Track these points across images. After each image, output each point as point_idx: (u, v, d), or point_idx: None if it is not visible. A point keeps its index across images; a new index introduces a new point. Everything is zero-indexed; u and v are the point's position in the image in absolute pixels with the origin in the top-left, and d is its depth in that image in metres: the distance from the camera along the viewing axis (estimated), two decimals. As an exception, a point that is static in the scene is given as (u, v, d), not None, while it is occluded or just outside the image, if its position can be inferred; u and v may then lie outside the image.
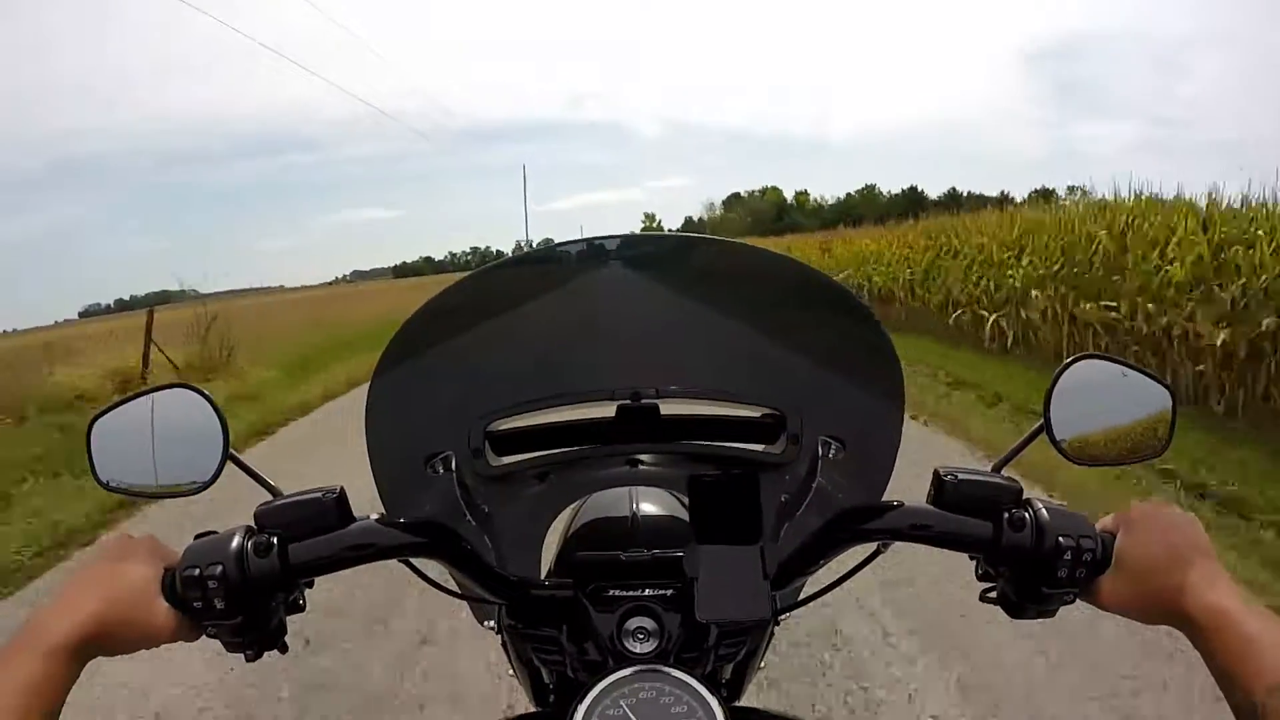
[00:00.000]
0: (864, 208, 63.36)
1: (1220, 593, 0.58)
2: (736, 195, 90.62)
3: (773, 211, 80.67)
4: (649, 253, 0.86)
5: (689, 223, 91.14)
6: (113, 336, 11.02)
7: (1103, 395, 0.73)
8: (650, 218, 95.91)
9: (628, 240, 0.84)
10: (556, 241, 0.83)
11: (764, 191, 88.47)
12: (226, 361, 10.45)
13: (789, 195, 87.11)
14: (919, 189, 76.13)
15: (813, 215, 72.83)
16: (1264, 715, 0.52)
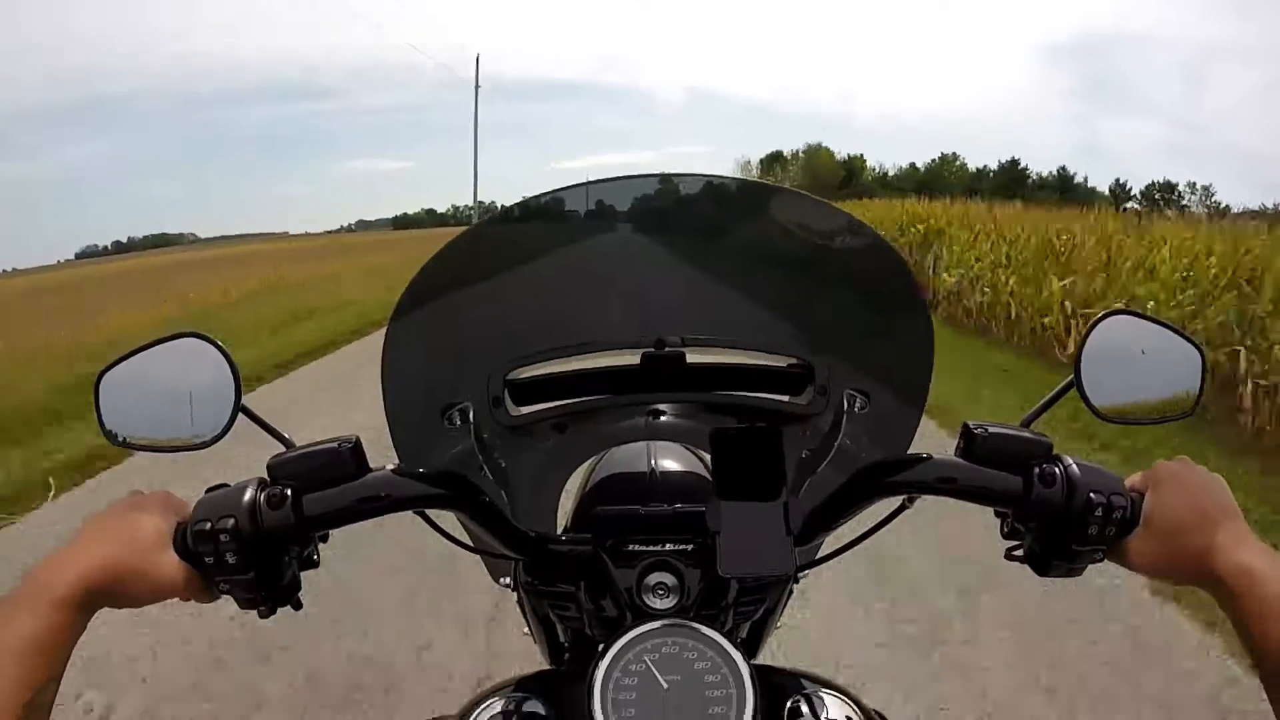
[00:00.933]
0: (943, 180, 57.07)
1: (1248, 553, 0.57)
2: (778, 154, 74.13)
3: (841, 173, 67.44)
4: (677, 195, 0.84)
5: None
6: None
7: (1134, 353, 0.73)
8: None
9: (655, 181, 0.81)
10: (577, 183, 0.80)
11: (811, 150, 71.98)
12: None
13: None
14: (1020, 163, 65.35)
15: (878, 184, 63.05)
16: None
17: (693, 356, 0.83)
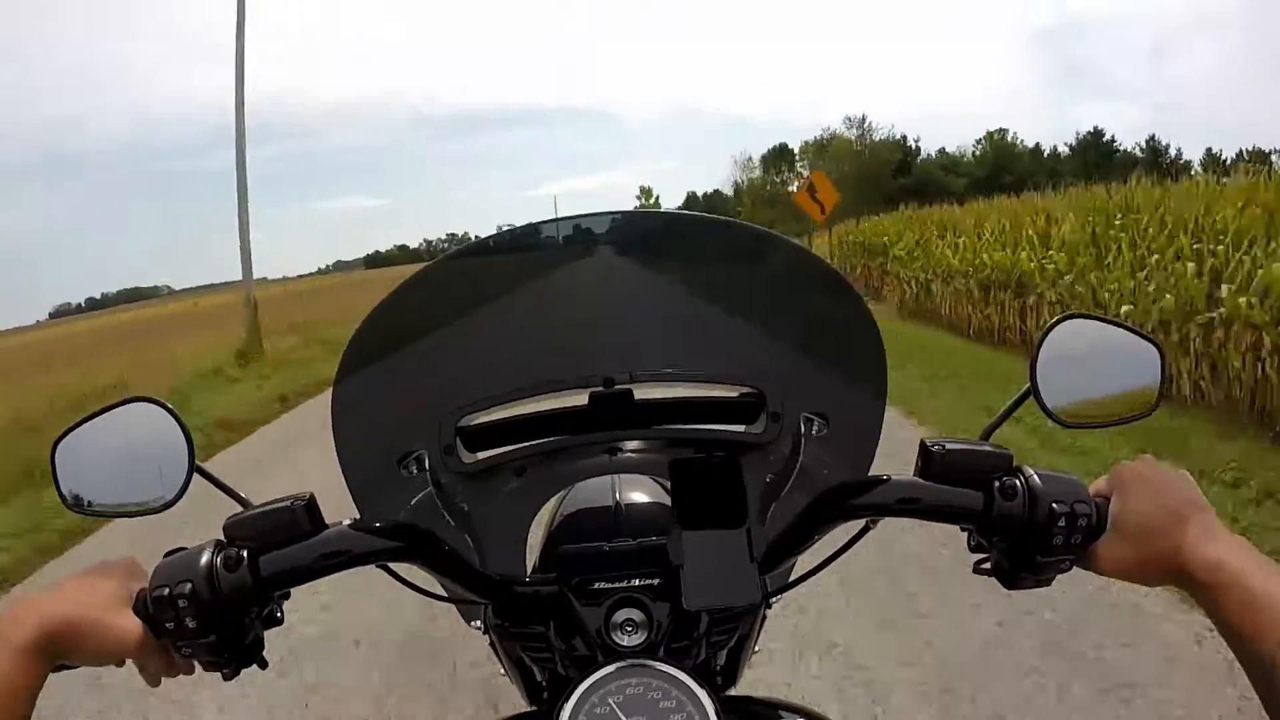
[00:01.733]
0: (1012, 162, 48.38)
1: (1220, 547, 0.57)
2: (783, 146, 58.49)
3: (893, 160, 48.86)
4: (615, 232, 0.85)
5: (692, 201, 73.88)
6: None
7: (1090, 355, 0.73)
8: (646, 192, 73.93)
9: (592, 219, 0.82)
10: (519, 225, 0.81)
11: (829, 139, 50.81)
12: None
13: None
14: (1104, 134, 52.97)
15: (940, 169, 50.09)
16: (1277, 668, 0.51)
17: (642, 392, 0.84)
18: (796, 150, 57.39)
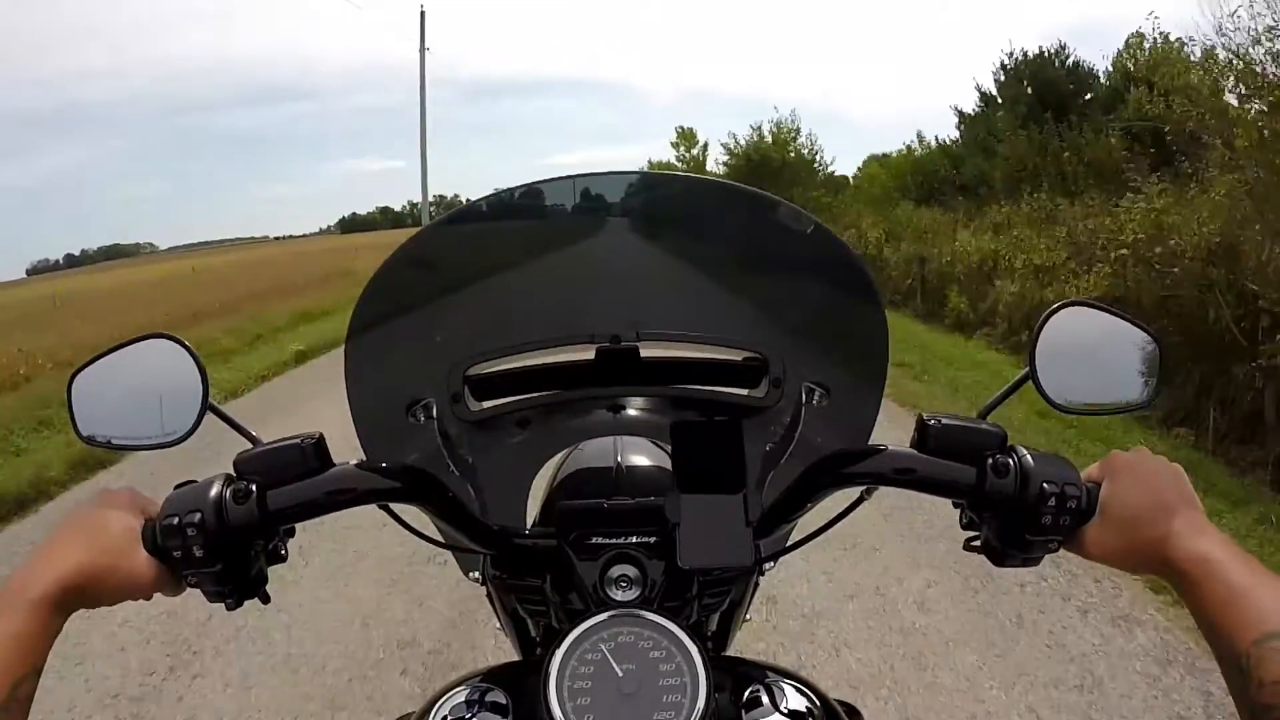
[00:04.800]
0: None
1: (1206, 541, 0.59)
2: None
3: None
4: (628, 191, 0.87)
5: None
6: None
7: (1089, 343, 0.75)
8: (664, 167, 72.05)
9: (605, 179, 0.85)
10: (529, 182, 0.83)
11: None
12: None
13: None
14: None
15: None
16: (1250, 666, 0.52)
17: (648, 351, 0.86)
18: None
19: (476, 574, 0.87)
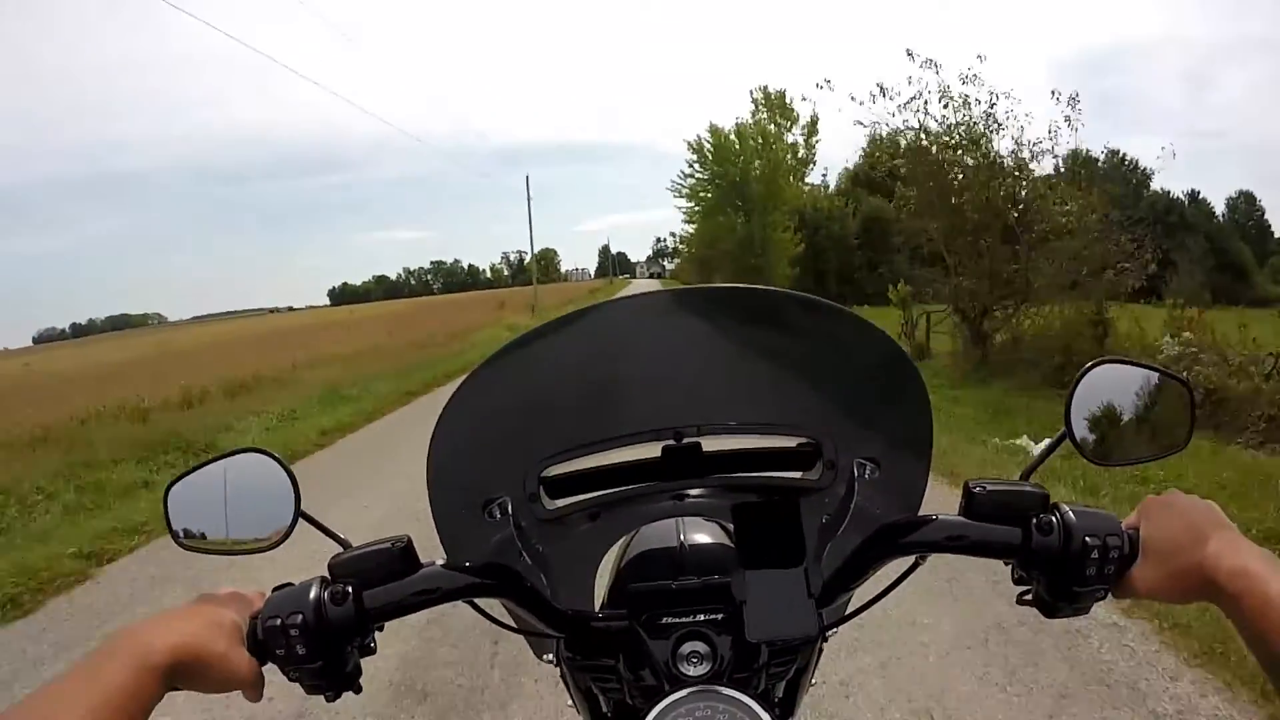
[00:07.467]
0: None
1: (1244, 556, 0.61)
2: None
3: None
4: (683, 305, 0.94)
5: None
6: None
7: (1122, 397, 0.80)
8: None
9: (662, 296, 0.91)
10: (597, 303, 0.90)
11: None
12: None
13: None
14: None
15: None
16: None
17: (709, 443, 0.93)
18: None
19: (550, 656, 0.92)
